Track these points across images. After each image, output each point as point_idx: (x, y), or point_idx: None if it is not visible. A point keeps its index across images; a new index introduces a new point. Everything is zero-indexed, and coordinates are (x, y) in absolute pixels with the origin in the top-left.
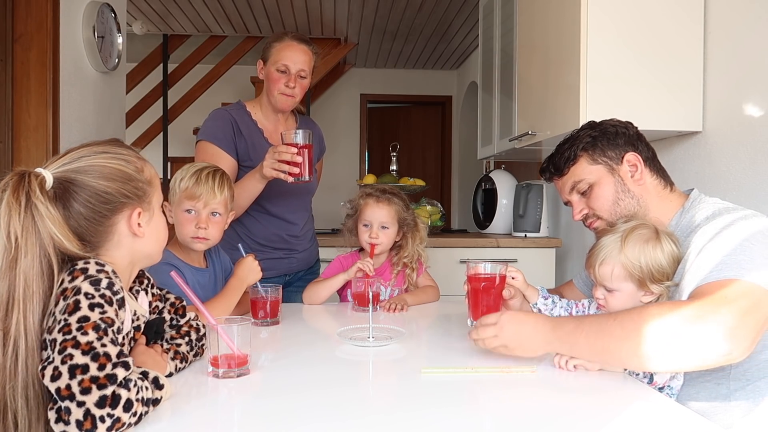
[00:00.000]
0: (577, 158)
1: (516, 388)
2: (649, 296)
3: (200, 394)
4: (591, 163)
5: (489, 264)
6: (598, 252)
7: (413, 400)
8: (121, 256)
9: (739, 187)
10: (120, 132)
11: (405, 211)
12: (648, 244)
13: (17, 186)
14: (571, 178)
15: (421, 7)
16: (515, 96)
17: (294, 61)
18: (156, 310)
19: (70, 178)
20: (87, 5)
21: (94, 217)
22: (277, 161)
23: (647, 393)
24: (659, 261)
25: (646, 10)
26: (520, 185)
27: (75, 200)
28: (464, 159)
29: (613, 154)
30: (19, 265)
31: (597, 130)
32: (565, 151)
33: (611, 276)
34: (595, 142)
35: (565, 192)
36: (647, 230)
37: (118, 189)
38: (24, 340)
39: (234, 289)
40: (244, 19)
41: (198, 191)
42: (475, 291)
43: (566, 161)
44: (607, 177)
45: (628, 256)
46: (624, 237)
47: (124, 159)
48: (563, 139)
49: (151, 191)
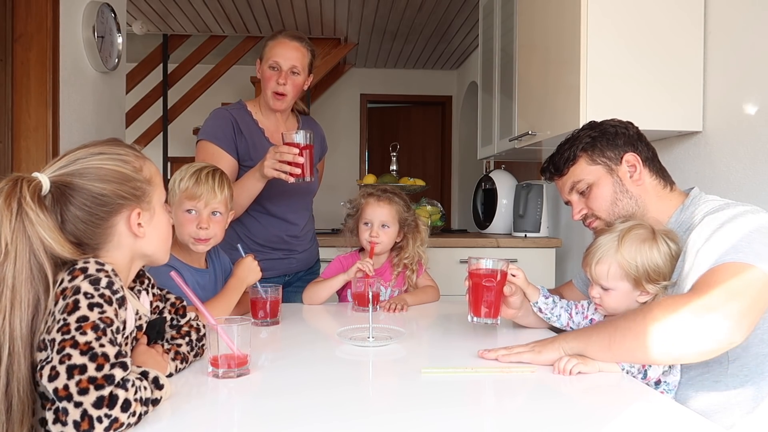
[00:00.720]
0: (577, 158)
1: (516, 388)
2: (645, 296)
3: (200, 394)
4: (590, 164)
5: (491, 260)
6: (595, 251)
7: (413, 400)
8: (122, 256)
9: (739, 187)
10: (120, 132)
11: (406, 212)
12: (645, 244)
13: (10, 192)
14: (571, 178)
15: (421, 7)
16: (515, 96)
17: (285, 58)
18: (156, 310)
19: (66, 182)
20: (87, 5)
21: (92, 219)
22: (278, 161)
23: (647, 393)
24: (655, 261)
25: (646, 10)
26: (520, 185)
27: (72, 204)
28: (464, 159)
29: (612, 154)
30: (8, 271)
31: (597, 130)
32: (565, 152)
33: (607, 275)
34: (594, 142)
35: (565, 192)
36: (644, 230)
37: (115, 190)
38: (9, 346)
39: (233, 289)
40: (244, 19)
41: (198, 191)
42: (476, 286)
43: (566, 161)
44: (606, 177)
45: (624, 256)
46: (621, 236)
47: (121, 159)
48: (564, 139)
49: (150, 190)
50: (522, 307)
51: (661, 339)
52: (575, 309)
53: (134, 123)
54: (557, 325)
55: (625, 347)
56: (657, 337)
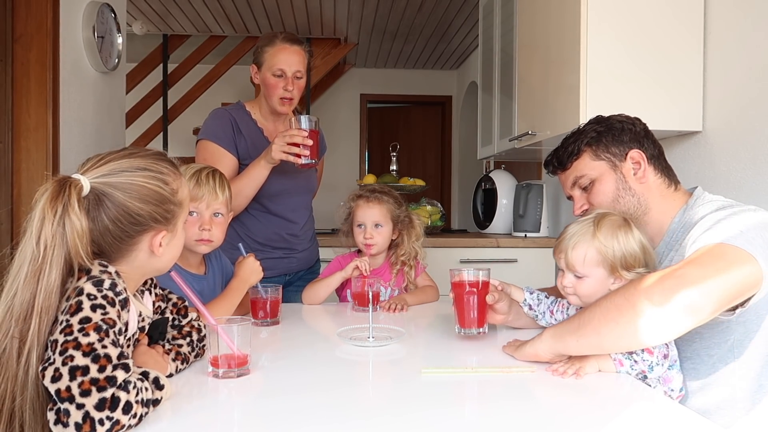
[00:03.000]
0: (581, 153)
1: (516, 388)
2: (619, 282)
3: (200, 394)
4: (594, 159)
5: (471, 270)
6: (570, 237)
7: (413, 400)
8: (132, 269)
9: (739, 187)
10: (120, 132)
11: (397, 209)
12: (620, 230)
13: (56, 194)
14: (574, 172)
15: (421, 7)
16: (515, 96)
17: (289, 64)
18: (159, 310)
19: (106, 192)
20: (87, 5)
21: (120, 235)
22: (286, 144)
23: (647, 393)
24: (632, 246)
25: (646, 11)
26: (520, 185)
27: (105, 215)
28: (464, 159)
29: (616, 150)
30: (44, 277)
31: (603, 125)
32: (569, 145)
33: (584, 260)
34: (599, 137)
35: (567, 186)
36: (617, 217)
37: (150, 212)
38: (35, 351)
39: (235, 290)
40: (244, 19)
41: (200, 193)
42: (459, 297)
43: (570, 155)
44: (609, 173)
45: (602, 241)
46: (596, 222)
47: (162, 180)
48: (570, 132)
49: (179, 213)
50: (511, 312)
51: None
52: (558, 306)
53: (134, 123)
54: (542, 324)
55: (592, 331)
56: (626, 320)
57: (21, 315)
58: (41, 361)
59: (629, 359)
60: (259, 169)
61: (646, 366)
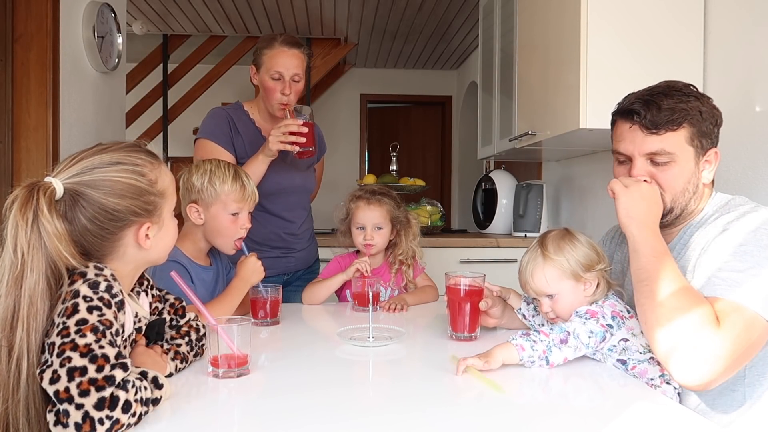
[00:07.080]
0: (680, 127)
1: (516, 387)
2: (590, 285)
3: (200, 394)
4: (687, 141)
5: (467, 276)
6: (525, 269)
7: (413, 400)
8: (124, 264)
9: (740, 187)
10: (120, 132)
11: (396, 210)
12: (563, 241)
13: (26, 201)
14: (662, 144)
15: (421, 7)
16: (515, 96)
17: (287, 67)
18: (156, 311)
19: (80, 192)
20: (87, 5)
21: (101, 233)
22: (283, 134)
23: (647, 393)
24: (582, 250)
25: (646, 11)
26: (520, 185)
27: (82, 215)
28: (464, 159)
29: (705, 142)
30: (26, 283)
31: (706, 105)
32: (671, 111)
33: (547, 281)
34: (702, 120)
35: (636, 149)
36: (556, 232)
37: (129, 206)
38: (26, 358)
39: (237, 289)
40: (244, 19)
41: (246, 195)
42: (452, 302)
43: (668, 123)
44: (689, 163)
45: (552, 257)
46: (541, 244)
47: (137, 172)
48: (666, 88)
49: (162, 203)
50: (504, 316)
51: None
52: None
53: (134, 123)
54: None
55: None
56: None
57: (7, 323)
58: (37, 365)
59: (528, 341)
60: (258, 163)
61: (544, 346)
